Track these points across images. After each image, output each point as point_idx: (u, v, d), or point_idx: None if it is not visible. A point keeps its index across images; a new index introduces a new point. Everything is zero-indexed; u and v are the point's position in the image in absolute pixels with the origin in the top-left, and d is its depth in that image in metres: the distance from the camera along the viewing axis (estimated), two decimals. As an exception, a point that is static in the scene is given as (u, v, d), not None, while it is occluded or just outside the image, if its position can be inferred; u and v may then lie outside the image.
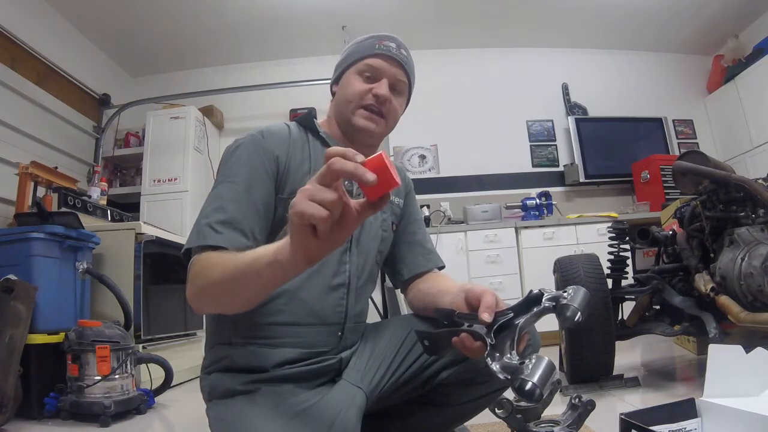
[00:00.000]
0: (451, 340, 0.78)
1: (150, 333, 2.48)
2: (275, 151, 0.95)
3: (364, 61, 1.01)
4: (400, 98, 1.05)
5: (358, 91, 1.00)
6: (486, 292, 0.81)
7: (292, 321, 0.93)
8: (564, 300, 0.74)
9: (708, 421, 0.85)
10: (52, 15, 3.46)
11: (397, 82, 1.03)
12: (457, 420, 1.10)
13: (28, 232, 2.02)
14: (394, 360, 0.99)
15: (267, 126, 1.00)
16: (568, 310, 0.73)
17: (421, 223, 1.20)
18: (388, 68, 1.01)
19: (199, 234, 0.85)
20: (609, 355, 1.90)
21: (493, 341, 0.74)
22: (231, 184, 0.90)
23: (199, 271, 0.81)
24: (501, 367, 0.71)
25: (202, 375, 0.98)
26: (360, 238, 1.02)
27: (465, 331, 0.76)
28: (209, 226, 0.85)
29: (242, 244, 0.83)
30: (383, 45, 1.02)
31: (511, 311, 0.78)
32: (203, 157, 4.02)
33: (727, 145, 4.38)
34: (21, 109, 3.08)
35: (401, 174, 1.16)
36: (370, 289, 1.09)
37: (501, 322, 0.76)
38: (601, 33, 4.47)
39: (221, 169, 0.95)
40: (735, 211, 1.79)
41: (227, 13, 3.79)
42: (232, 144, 0.97)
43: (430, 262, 1.14)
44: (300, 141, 1.01)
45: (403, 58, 1.03)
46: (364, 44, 1.04)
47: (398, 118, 1.06)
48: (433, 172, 4.41)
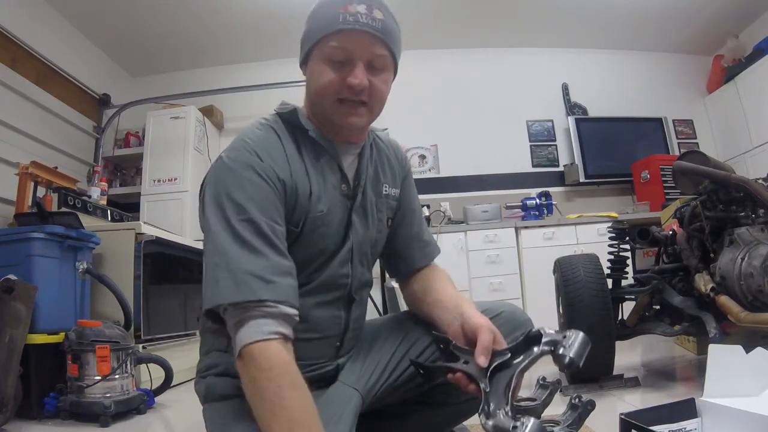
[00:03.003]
0: (447, 376, 0.78)
1: (150, 333, 2.48)
2: (279, 174, 0.83)
3: (329, 43, 0.82)
4: (383, 74, 0.87)
5: (328, 82, 0.83)
6: (482, 328, 0.79)
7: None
8: (561, 349, 0.74)
9: (708, 421, 0.85)
10: (52, 15, 3.46)
11: (374, 59, 0.84)
12: (457, 419, 1.09)
13: (28, 232, 2.01)
14: (390, 361, 0.98)
15: (254, 140, 0.84)
16: (565, 360, 0.73)
17: (417, 212, 1.10)
18: (360, 47, 0.82)
19: (239, 285, 0.72)
20: (609, 355, 1.90)
21: (488, 388, 0.74)
22: (248, 224, 0.77)
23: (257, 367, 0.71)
24: (493, 426, 0.69)
25: (197, 378, 0.96)
26: (361, 247, 0.96)
27: (460, 371, 0.76)
28: (253, 275, 0.72)
29: (294, 289, 0.78)
30: (349, 13, 0.80)
31: (508, 351, 0.77)
32: (203, 157, 4.02)
33: (727, 145, 4.38)
34: (21, 109, 3.08)
35: (399, 155, 1.09)
36: (368, 291, 1.07)
37: (497, 363, 0.76)
38: (601, 33, 4.47)
39: (222, 197, 0.79)
40: (735, 211, 1.79)
41: (227, 13, 3.79)
42: (222, 165, 0.82)
43: (426, 256, 1.09)
44: (295, 155, 0.88)
45: (378, 26, 0.82)
46: (325, 12, 0.83)
47: (385, 98, 0.90)
48: (433, 172, 4.41)
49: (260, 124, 0.91)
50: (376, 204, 1.00)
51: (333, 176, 0.92)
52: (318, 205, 0.88)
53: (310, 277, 0.89)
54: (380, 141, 1.06)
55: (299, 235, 0.87)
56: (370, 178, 0.99)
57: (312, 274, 0.90)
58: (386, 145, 1.07)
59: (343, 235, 0.93)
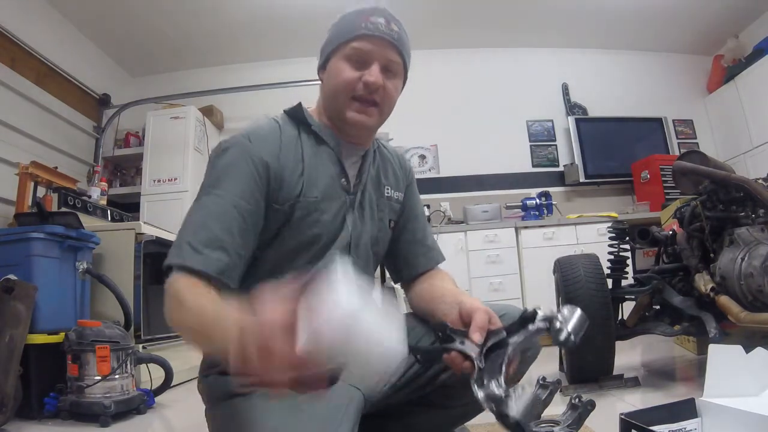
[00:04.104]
0: (442, 357, 0.78)
1: (150, 333, 2.48)
2: (264, 158, 0.89)
3: (351, 45, 0.91)
4: (395, 80, 0.96)
5: (346, 79, 0.91)
6: (478, 310, 0.80)
7: None
8: (557, 323, 0.74)
9: (708, 421, 0.85)
10: (52, 15, 3.46)
11: (389, 63, 0.93)
12: (458, 420, 1.10)
13: (28, 232, 2.01)
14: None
15: (255, 127, 0.94)
16: (561, 334, 0.73)
17: (421, 217, 1.15)
18: (378, 50, 0.91)
19: (180, 252, 0.81)
20: (609, 355, 1.90)
21: (482, 364, 0.74)
22: (215, 197, 0.86)
23: (173, 305, 0.78)
24: (485, 396, 0.70)
25: (200, 378, 0.97)
26: (359, 242, 0.99)
27: (456, 350, 0.76)
28: (189, 245, 0.81)
29: (223, 264, 0.81)
30: (370, 22, 0.91)
31: (504, 331, 0.77)
32: (203, 157, 4.02)
33: (727, 145, 4.38)
34: (21, 109, 3.08)
35: (404, 164, 1.13)
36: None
37: (493, 342, 0.76)
38: (601, 33, 4.47)
39: (207, 176, 0.91)
40: (735, 211, 1.79)
41: (227, 12, 3.79)
42: (218, 147, 0.92)
43: (430, 260, 1.11)
44: (292, 141, 0.95)
45: (395, 36, 0.93)
46: (349, 21, 0.94)
47: (394, 103, 0.98)
48: (433, 172, 4.41)
49: (266, 117, 0.98)
50: (377, 203, 1.02)
51: (332, 167, 0.96)
52: (312, 190, 0.92)
53: (306, 266, 0.92)
54: (385, 149, 1.11)
55: (290, 218, 0.91)
56: (372, 178, 1.02)
57: (308, 263, 0.92)
58: (391, 154, 1.11)
59: (339, 226, 0.95)
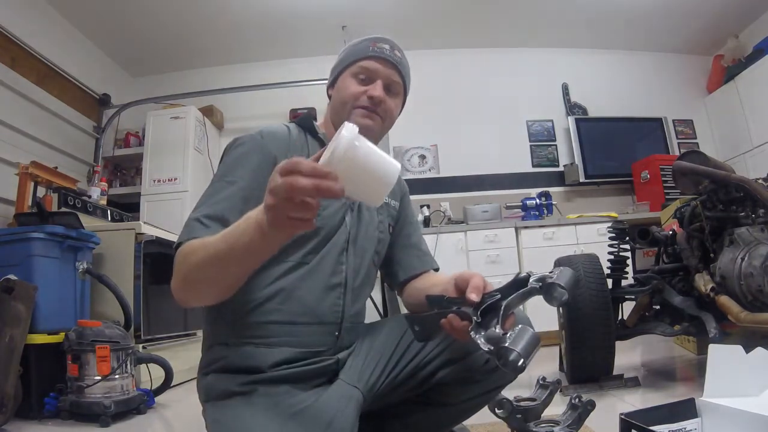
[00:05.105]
0: (440, 323, 0.80)
1: (150, 333, 2.48)
2: (273, 152, 0.96)
3: (359, 64, 1.03)
4: (396, 99, 1.06)
5: (353, 92, 1.02)
6: (474, 275, 0.83)
7: (288, 320, 0.93)
8: (550, 280, 0.76)
9: (708, 421, 0.85)
10: (52, 15, 3.46)
11: (391, 83, 1.04)
12: (457, 419, 1.10)
13: (28, 232, 2.02)
14: (390, 359, 1.00)
15: (267, 127, 1.02)
16: (555, 290, 0.75)
17: (416, 225, 1.22)
18: (383, 70, 1.03)
19: (188, 228, 0.86)
20: (609, 355, 1.90)
21: (479, 319, 0.76)
22: (225, 183, 0.93)
23: (182, 260, 0.82)
24: (485, 338, 0.72)
25: (199, 376, 0.98)
26: (357, 239, 1.03)
27: (452, 312, 0.79)
28: (197, 220, 0.87)
29: None
30: (377, 47, 1.04)
31: (498, 293, 0.79)
32: (203, 157, 4.02)
33: (727, 145, 4.38)
34: (21, 109, 3.08)
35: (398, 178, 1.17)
36: (368, 291, 1.10)
37: (488, 303, 0.78)
38: (601, 33, 4.47)
39: (219, 167, 0.98)
40: (735, 211, 1.79)
41: (228, 12, 3.79)
42: (232, 141, 1.00)
43: (425, 264, 1.15)
44: (299, 142, 1.03)
45: (397, 59, 1.05)
46: (358, 47, 1.06)
47: (394, 119, 1.08)
48: (433, 172, 4.40)
49: (278, 123, 1.07)
50: (376, 208, 1.07)
51: None
52: None
53: (306, 257, 0.96)
54: None
55: None
56: None
57: (307, 254, 0.97)
58: None
59: (338, 223, 1.00)
